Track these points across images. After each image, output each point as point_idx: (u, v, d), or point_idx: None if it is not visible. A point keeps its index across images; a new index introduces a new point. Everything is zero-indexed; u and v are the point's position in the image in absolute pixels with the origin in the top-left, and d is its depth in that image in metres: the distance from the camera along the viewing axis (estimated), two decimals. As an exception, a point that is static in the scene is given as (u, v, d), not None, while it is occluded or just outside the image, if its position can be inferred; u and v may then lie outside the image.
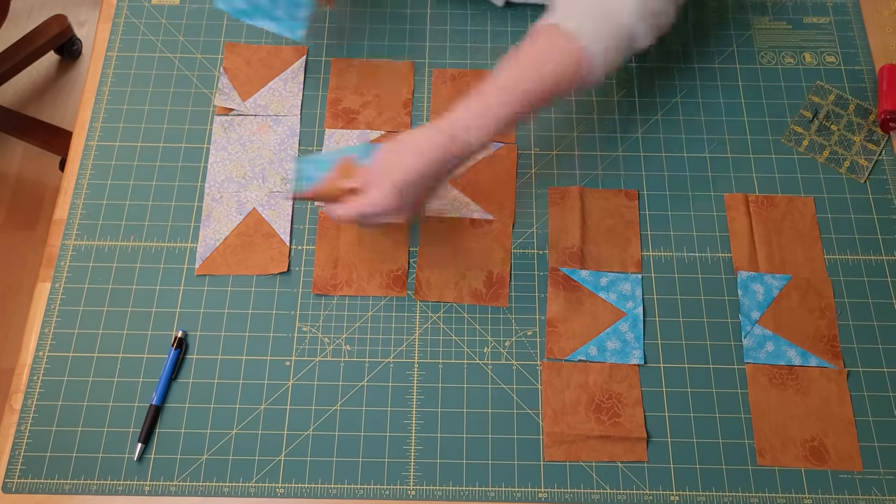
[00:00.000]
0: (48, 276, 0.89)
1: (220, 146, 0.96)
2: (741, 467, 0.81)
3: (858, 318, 0.87)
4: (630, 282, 0.89)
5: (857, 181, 0.94)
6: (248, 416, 0.83)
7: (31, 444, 0.82)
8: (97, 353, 0.86)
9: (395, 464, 0.81)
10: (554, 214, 0.92)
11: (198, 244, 0.91)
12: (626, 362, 0.85)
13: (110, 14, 1.04)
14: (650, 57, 1.01)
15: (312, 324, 0.87)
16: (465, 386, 0.85)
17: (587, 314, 0.88)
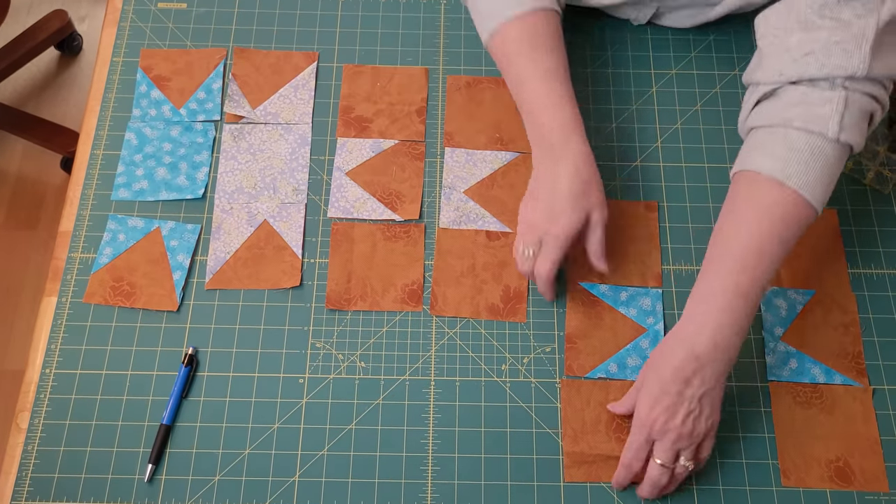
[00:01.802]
0: (54, 290, 0.87)
1: (229, 155, 0.93)
2: (765, 488, 0.80)
3: (884, 335, 0.86)
4: (650, 297, 0.87)
5: (881, 193, 0.92)
6: (261, 436, 0.81)
7: (38, 464, 0.80)
8: (105, 371, 0.84)
9: (413, 485, 0.80)
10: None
11: (208, 257, 0.89)
12: (647, 380, 0.83)
13: (115, 18, 1.01)
14: (670, 65, 0.99)
15: (326, 340, 0.85)
16: (483, 404, 0.83)
17: (607, 330, 0.86)
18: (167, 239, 0.89)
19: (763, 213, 0.74)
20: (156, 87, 0.97)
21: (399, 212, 0.91)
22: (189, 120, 0.95)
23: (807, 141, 0.74)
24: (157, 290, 0.87)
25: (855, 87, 0.73)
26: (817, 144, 0.74)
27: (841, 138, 0.73)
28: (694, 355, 0.73)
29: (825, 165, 0.74)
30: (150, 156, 0.93)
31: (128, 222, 0.90)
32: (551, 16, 0.84)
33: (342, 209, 0.91)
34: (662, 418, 0.73)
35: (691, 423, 0.73)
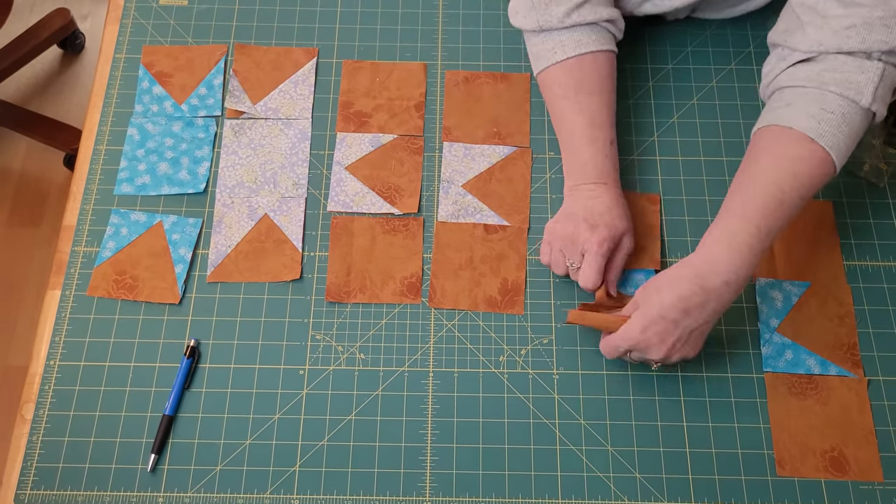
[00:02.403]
0: (58, 283, 0.88)
1: (230, 150, 0.94)
2: (760, 478, 0.80)
3: (878, 326, 0.86)
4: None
5: (877, 186, 0.93)
6: (262, 427, 0.82)
7: (43, 454, 0.81)
8: (109, 362, 0.85)
9: (411, 474, 0.81)
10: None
11: (209, 251, 0.90)
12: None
13: (118, 15, 1.03)
14: (666, 59, 1.00)
15: (326, 332, 0.86)
16: (481, 395, 0.84)
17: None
18: (169, 233, 0.90)
19: (790, 166, 0.77)
20: (158, 83, 0.98)
21: (398, 205, 0.92)
22: (190, 115, 0.96)
23: (840, 105, 0.76)
24: (160, 283, 0.88)
25: (891, 60, 0.76)
26: (849, 110, 0.76)
27: (872, 107, 0.77)
28: (703, 288, 0.74)
29: (852, 131, 0.77)
30: (152, 151, 0.94)
31: (130, 216, 0.91)
32: (605, 56, 0.88)
33: (342, 203, 0.92)
34: (654, 341, 0.76)
35: (675, 349, 0.76)
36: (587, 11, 0.85)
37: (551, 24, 0.86)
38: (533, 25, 0.87)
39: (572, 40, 0.86)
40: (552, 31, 0.87)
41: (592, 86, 0.86)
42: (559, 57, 0.86)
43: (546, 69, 0.88)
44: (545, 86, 0.89)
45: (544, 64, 0.88)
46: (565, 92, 0.87)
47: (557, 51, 0.86)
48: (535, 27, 0.87)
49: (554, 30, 0.86)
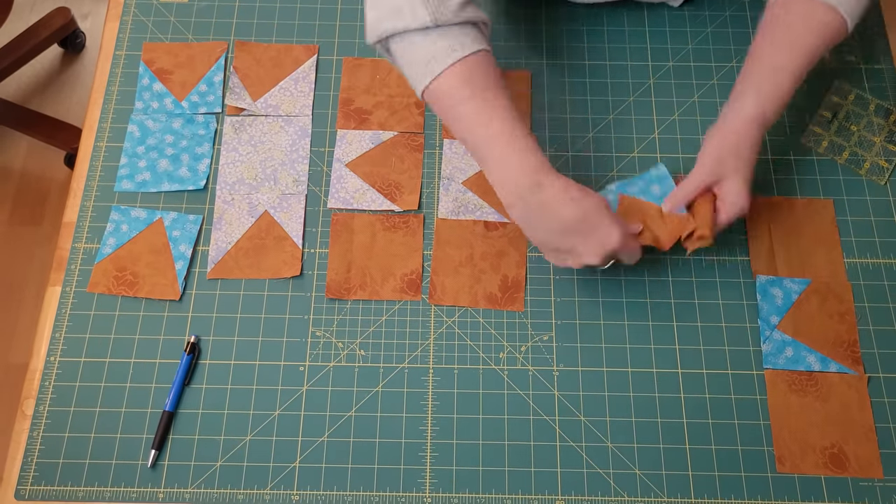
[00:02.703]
0: (58, 279, 0.88)
1: (230, 147, 0.94)
2: (760, 474, 0.80)
3: (879, 323, 0.86)
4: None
5: (878, 183, 0.93)
6: (262, 423, 0.82)
7: (43, 450, 0.81)
8: (109, 359, 0.85)
9: (411, 471, 0.81)
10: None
11: (209, 247, 0.90)
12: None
13: (118, 12, 1.03)
14: (667, 56, 1.00)
15: (326, 328, 0.86)
16: (481, 392, 0.84)
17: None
18: (169, 229, 0.90)
19: (817, 31, 0.81)
20: (158, 79, 0.98)
21: (398, 202, 0.92)
22: (191, 112, 0.96)
23: None
24: (160, 279, 0.88)
25: None
26: None
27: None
28: (764, 126, 0.81)
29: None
30: (153, 148, 0.95)
31: (131, 213, 0.91)
32: (488, 56, 0.79)
33: (342, 200, 0.92)
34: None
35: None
36: (474, 9, 0.78)
37: (446, 19, 0.75)
38: (423, 21, 0.75)
39: (468, 37, 0.77)
40: (446, 28, 0.76)
41: (498, 83, 0.78)
42: (459, 55, 0.76)
43: (445, 71, 0.76)
44: (443, 91, 0.77)
45: (441, 65, 0.76)
46: (468, 94, 0.76)
47: (457, 48, 0.76)
48: (427, 23, 0.75)
49: (448, 25, 0.76)
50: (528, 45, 1.01)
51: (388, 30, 0.77)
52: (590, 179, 0.93)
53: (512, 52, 1.00)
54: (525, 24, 1.02)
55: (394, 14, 0.76)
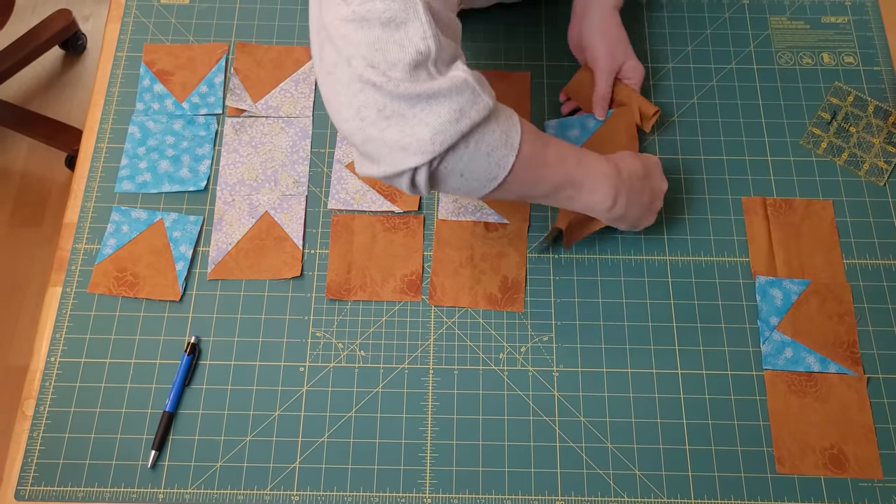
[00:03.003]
0: (59, 280, 0.89)
1: (231, 148, 0.95)
2: (760, 475, 0.80)
3: (878, 324, 0.86)
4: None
5: (877, 184, 0.93)
6: (263, 423, 0.82)
7: (43, 450, 0.81)
8: (109, 359, 0.85)
9: (411, 471, 0.81)
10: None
11: (210, 248, 0.90)
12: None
13: (119, 14, 1.03)
14: (667, 58, 1.00)
15: (326, 329, 0.87)
16: (481, 392, 0.84)
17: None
18: (170, 230, 0.90)
19: None
20: (159, 81, 0.98)
21: (398, 203, 0.92)
22: (191, 113, 0.97)
23: None
24: (160, 280, 0.88)
25: None
26: None
27: None
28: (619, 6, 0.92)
29: None
30: (153, 149, 0.95)
31: (131, 214, 0.91)
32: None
33: (342, 201, 0.92)
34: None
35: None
36: (463, 61, 0.67)
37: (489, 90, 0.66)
38: (490, 105, 0.64)
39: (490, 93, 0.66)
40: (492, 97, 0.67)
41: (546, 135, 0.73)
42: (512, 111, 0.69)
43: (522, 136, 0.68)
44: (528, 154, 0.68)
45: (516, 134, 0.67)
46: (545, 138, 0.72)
47: (506, 109, 0.68)
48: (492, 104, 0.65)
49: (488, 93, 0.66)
50: (527, 45, 1.01)
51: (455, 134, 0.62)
52: (589, 180, 0.93)
53: (512, 52, 1.00)
54: (525, 24, 1.02)
55: (456, 117, 0.62)
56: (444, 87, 0.61)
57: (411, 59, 0.60)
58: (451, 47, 0.64)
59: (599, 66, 0.91)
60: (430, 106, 0.61)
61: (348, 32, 0.61)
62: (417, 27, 0.60)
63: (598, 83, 0.92)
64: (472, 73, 0.64)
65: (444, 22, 0.64)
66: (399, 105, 0.61)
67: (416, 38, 0.60)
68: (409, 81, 0.60)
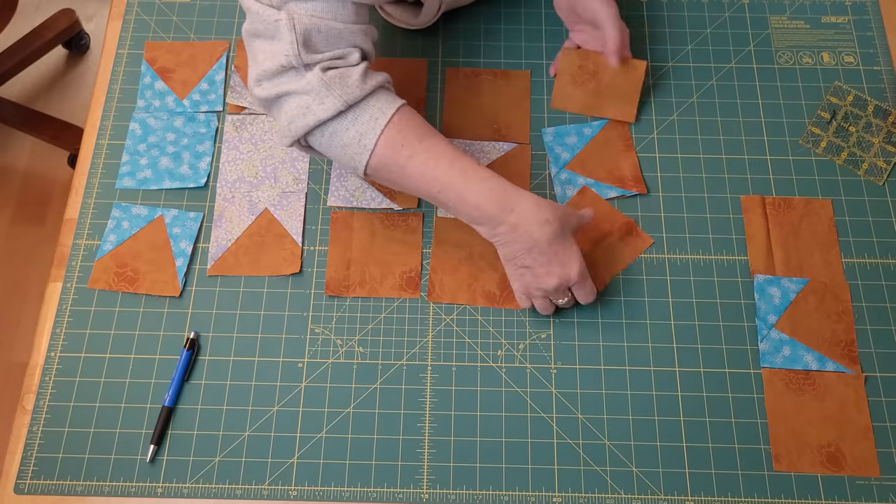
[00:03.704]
0: (59, 276, 0.89)
1: (231, 145, 0.95)
2: (757, 473, 0.81)
3: (876, 323, 0.87)
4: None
5: (876, 183, 0.93)
6: (261, 418, 0.83)
7: (43, 444, 0.82)
8: (109, 354, 0.85)
9: (409, 467, 0.81)
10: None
11: (210, 244, 0.90)
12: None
13: (121, 11, 1.03)
14: (666, 57, 1.00)
15: (325, 325, 0.87)
16: (479, 389, 0.84)
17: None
18: (170, 226, 0.91)
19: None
20: (160, 78, 0.99)
21: (398, 201, 0.92)
22: (192, 111, 0.97)
23: None
24: (160, 276, 0.88)
25: None
26: None
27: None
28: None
29: None
30: (154, 145, 0.95)
31: (132, 210, 0.92)
32: (407, 108, 0.79)
33: (342, 198, 0.92)
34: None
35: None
36: (373, 74, 0.78)
37: (355, 96, 0.75)
38: (335, 108, 0.74)
39: (382, 100, 0.77)
40: (359, 104, 0.76)
41: (428, 129, 0.79)
42: (383, 120, 0.76)
43: (378, 141, 0.76)
44: (384, 159, 0.77)
45: (373, 137, 0.76)
46: (412, 149, 0.77)
47: (378, 116, 0.76)
48: (339, 107, 0.74)
49: (359, 101, 0.76)
50: (528, 44, 1.01)
51: (302, 127, 0.76)
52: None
53: (512, 51, 1.01)
54: (525, 23, 1.03)
55: (303, 112, 0.75)
56: (295, 88, 0.75)
57: (278, 66, 0.75)
58: (330, 50, 0.76)
59: (601, 15, 0.90)
60: (286, 101, 0.76)
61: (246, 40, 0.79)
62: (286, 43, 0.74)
63: (608, 34, 0.90)
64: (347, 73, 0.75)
65: (325, 33, 0.75)
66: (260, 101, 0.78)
67: (280, 52, 0.74)
68: (269, 80, 0.76)
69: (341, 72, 0.75)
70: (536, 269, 0.80)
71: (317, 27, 0.74)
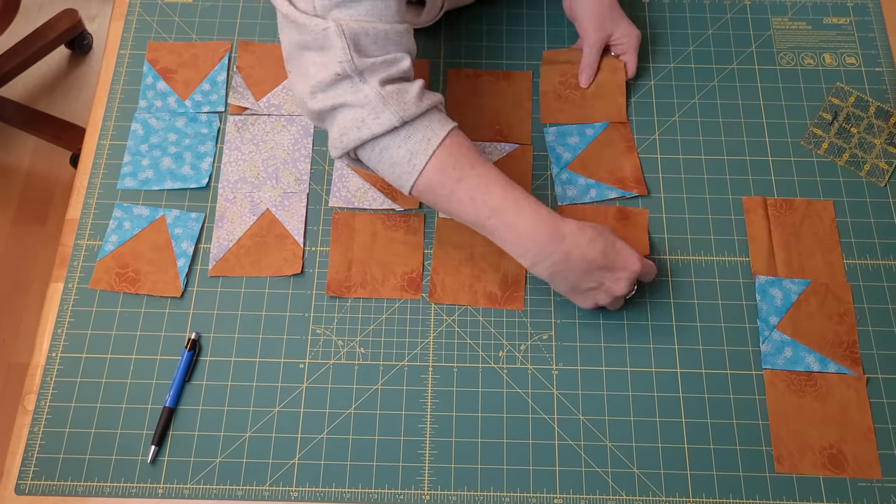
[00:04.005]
0: (61, 276, 0.89)
1: (233, 146, 0.95)
2: (758, 474, 0.80)
3: (878, 324, 0.86)
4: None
5: (878, 185, 0.93)
6: (262, 419, 0.83)
7: (44, 445, 0.82)
8: (110, 355, 0.86)
9: (410, 468, 0.81)
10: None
11: (211, 245, 0.90)
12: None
13: (123, 11, 1.04)
14: (668, 58, 1.00)
15: (326, 326, 0.87)
16: (480, 390, 0.84)
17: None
18: (171, 227, 0.91)
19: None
20: (162, 78, 0.99)
21: (399, 201, 0.92)
22: (194, 111, 0.97)
23: None
24: (162, 276, 0.88)
25: None
26: None
27: None
28: None
29: None
30: (156, 146, 0.95)
31: (133, 210, 0.92)
32: (459, 132, 0.78)
33: (343, 199, 0.93)
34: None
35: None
36: (430, 94, 0.76)
37: (411, 114, 0.73)
38: (390, 124, 0.72)
39: (436, 121, 0.75)
40: (413, 122, 0.74)
41: (479, 155, 0.77)
42: (436, 141, 0.74)
43: (428, 162, 0.74)
44: (433, 180, 0.75)
45: (423, 158, 0.74)
46: (461, 173, 0.75)
47: (431, 136, 0.74)
48: (395, 123, 0.73)
49: (415, 119, 0.74)
50: (529, 46, 1.01)
51: (355, 140, 0.74)
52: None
53: (514, 52, 1.01)
54: (527, 25, 1.03)
55: (357, 126, 0.73)
56: (351, 100, 0.73)
57: (333, 74, 0.72)
58: (381, 54, 0.74)
59: (587, 40, 0.96)
60: (341, 113, 0.74)
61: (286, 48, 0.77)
62: (338, 50, 0.71)
63: (584, 54, 0.97)
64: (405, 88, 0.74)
65: (373, 36, 0.73)
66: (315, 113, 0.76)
67: (333, 61, 0.72)
68: (324, 92, 0.74)
69: (399, 87, 0.74)
70: (606, 284, 0.80)
71: (364, 31, 0.72)
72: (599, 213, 0.91)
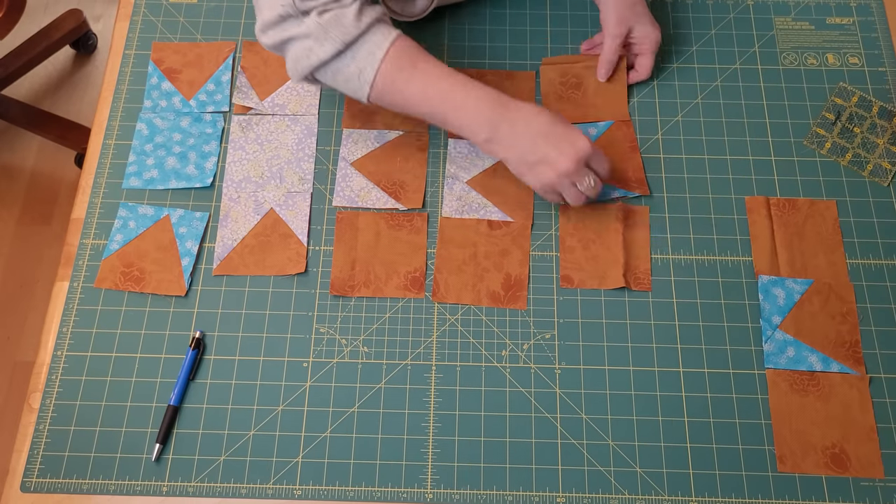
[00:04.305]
0: (66, 275, 0.89)
1: (237, 145, 0.96)
2: (761, 474, 0.81)
3: (881, 324, 0.86)
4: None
5: (881, 185, 0.93)
6: (266, 418, 0.83)
7: (49, 443, 0.82)
8: (115, 353, 0.86)
9: (413, 467, 0.81)
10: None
11: (215, 244, 0.91)
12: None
13: (128, 12, 1.04)
14: (671, 58, 1.00)
15: (330, 325, 0.87)
16: (483, 389, 0.84)
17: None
18: (176, 226, 0.91)
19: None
20: (167, 78, 0.99)
21: (402, 201, 0.93)
22: (198, 111, 0.98)
23: None
24: (166, 275, 0.89)
25: None
26: None
27: None
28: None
29: None
30: (161, 146, 0.96)
31: (138, 210, 0.92)
32: (403, 39, 0.82)
33: (347, 198, 0.93)
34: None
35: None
36: (368, 11, 0.81)
37: (352, 35, 0.79)
38: (334, 49, 0.79)
39: (378, 34, 0.81)
40: (356, 42, 0.80)
41: (423, 54, 0.82)
42: (380, 54, 0.80)
43: (376, 74, 0.81)
44: (385, 88, 0.82)
45: (371, 72, 0.81)
46: (409, 74, 0.81)
47: (374, 50, 0.80)
48: (339, 46, 0.79)
49: (357, 38, 0.80)
50: (532, 46, 1.01)
51: (306, 67, 0.82)
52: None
53: (516, 52, 1.01)
54: (530, 25, 1.03)
55: (306, 54, 0.81)
56: (297, 33, 0.80)
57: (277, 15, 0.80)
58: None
59: (608, 30, 0.95)
60: (291, 45, 0.82)
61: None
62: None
63: (604, 47, 0.97)
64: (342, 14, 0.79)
65: None
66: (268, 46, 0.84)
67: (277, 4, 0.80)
68: (272, 29, 0.82)
69: (335, 13, 0.79)
70: (549, 156, 0.81)
71: None
72: (602, 212, 0.91)
